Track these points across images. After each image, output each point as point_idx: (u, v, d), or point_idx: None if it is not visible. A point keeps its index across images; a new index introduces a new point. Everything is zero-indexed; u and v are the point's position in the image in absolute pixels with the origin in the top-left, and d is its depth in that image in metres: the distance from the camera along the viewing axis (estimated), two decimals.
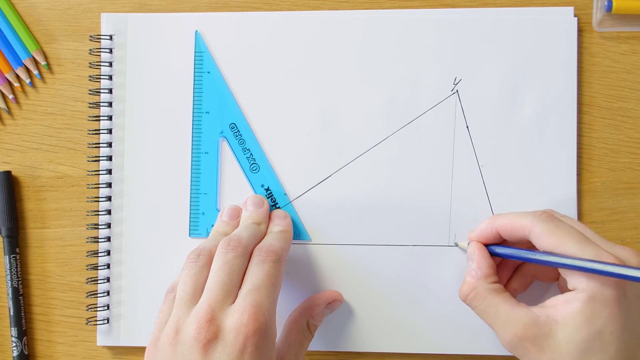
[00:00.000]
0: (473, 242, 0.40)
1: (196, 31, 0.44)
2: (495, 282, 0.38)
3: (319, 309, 0.42)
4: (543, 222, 0.36)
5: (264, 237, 0.40)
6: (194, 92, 0.44)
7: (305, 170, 0.44)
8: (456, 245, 0.43)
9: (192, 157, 0.44)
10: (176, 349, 0.34)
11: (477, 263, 0.39)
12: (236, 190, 0.44)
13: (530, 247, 0.38)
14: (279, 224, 0.42)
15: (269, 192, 0.44)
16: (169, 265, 0.44)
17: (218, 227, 0.41)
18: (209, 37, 0.45)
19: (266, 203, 0.42)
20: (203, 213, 0.44)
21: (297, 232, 0.44)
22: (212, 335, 0.33)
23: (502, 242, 0.40)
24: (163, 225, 0.44)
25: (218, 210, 0.44)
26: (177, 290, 0.37)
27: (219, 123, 0.44)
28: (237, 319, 0.34)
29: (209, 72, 0.44)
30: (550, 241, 0.35)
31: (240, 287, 0.36)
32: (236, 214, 0.42)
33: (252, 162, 0.44)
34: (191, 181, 0.44)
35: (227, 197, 0.44)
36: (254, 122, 0.44)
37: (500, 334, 0.37)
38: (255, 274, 0.36)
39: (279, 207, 0.44)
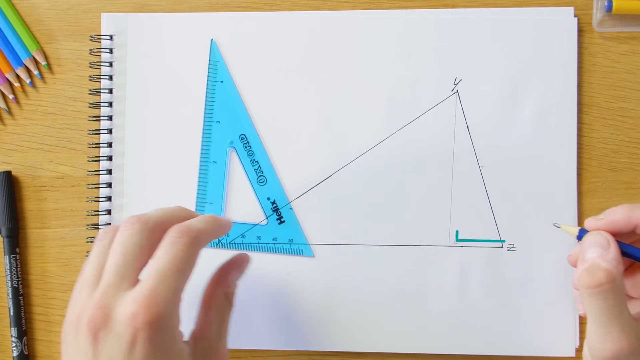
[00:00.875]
0: (602, 232, 0.35)
1: (212, 40, 0.44)
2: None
3: (231, 276, 0.38)
4: None
5: (182, 216, 0.36)
6: (205, 101, 0.44)
7: (305, 170, 0.44)
8: (557, 226, 0.39)
9: (200, 165, 0.44)
10: (77, 338, 0.32)
11: (615, 253, 0.33)
12: (242, 201, 0.44)
13: None
14: (211, 214, 0.38)
15: (274, 205, 0.44)
16: None
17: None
18: (209, 38, 0.45)
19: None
20: None
21: (300, 249, 0.44)
22: (101, 325, 0.31)
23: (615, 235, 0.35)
24: None
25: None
26: (81, 271, 0.34)
27: (229, 133, 0.44)
28: (127, 308, 0.31)
29: (222, 82, 0.44)
30: None
31: (140, 267, 0.33)
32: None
33: (259, 174, 0.44)
34: (197, 190, 0.44)
35: (232, 208, 0.44)
36: (256, 122, 0.44)
37: (607, 338, 0.32)
38: (161, 257, 0.33)
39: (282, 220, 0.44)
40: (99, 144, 0.45)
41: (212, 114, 0.44)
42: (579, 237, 0.37)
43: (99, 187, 0.45)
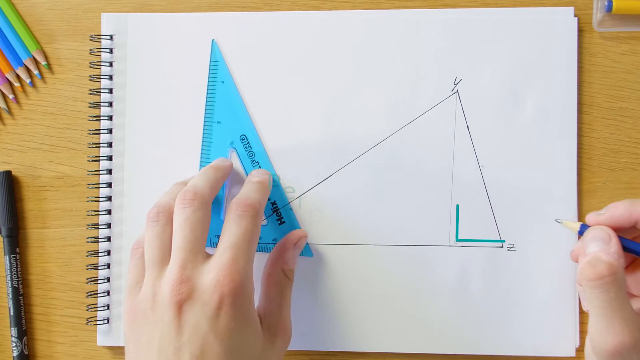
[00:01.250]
0: (604, 227, 0.35)
1: (213, 40, 0.44)
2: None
3: (289, 253, 0.41)
4: None
5: (220, 184, 0.40)
6: (206, 101, 0.44)
7: (304, 170, 0.44)
8: (559, 222, 0.39)
9: (200, 165, 0.44)
10: (155, 312, 0.34)
11: (617, 247, 0.34)
12: None
13: None
14: (256, 175, 0.41)
15: (274, 205, 0.44)
16: None
17: (179, 180, 0.41)
18: (209, 37, 0.45)
19: (229, 164, 0.42)
20: None
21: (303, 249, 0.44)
22: (186, 295, 0.34)
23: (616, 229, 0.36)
24: None
25: (222, 220, 0.43)
26: (145, 252, 0.37)
27: (230, 134, 0.44)
28: (213, 277, 0.34)
29: (222, 82, 0.44)
30: None
31: (206, 240, 0.36)
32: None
33: None
34: None
35: None
36: (257, 122, 0.44)
37: (609, 331, 0.33)
38: (233, 230, 0.36)
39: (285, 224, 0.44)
40: (99, 143, 0.45)
41: (212, 115, 0.44)
42: (581, 233, 0.37)
43: (99, 187, 0.45)
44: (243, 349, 0.35)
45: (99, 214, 0.45)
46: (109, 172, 0.45)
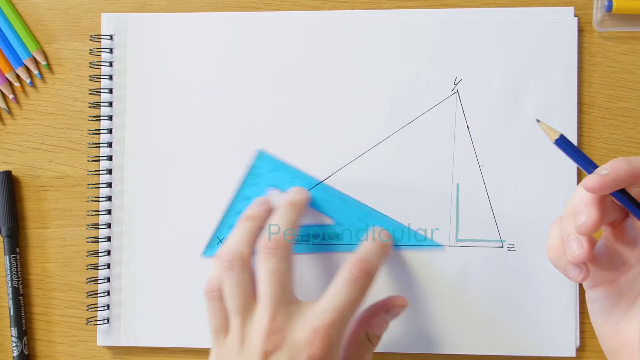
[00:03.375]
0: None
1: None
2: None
3: (377, 318, 0.40)
4: None
5: (297, 222, 0.39)
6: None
7: (304, 170, 0.44)
8: (537, 121, 0.35)
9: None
10: (242, 357, 0.35)
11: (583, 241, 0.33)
12: None
13: None
14: (382, 234, 0.40)
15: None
16: (169, 265, 0.44)
17: (244, 212, 0.40)
18: (209, 37, 0.45)
19: (305, 192, 0.41)
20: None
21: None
22: (275, 347, 0.34)
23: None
24: (163, 225, 0.44)
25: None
26: (228, 300, 0.37)
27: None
28: (305, 336, 0.34)
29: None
30: None
31: (293, 289, 0.36)
32: (263, 201, 0.41)
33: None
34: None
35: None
36: (256, 123, 0.44)
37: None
38: (341, 293, 0.36)
39: None
40: (99, 143, 0.45)
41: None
42: (557, 143, 0.35)
43: (99, 187, 0.45)
44: None
45: (99, 214, 0.45)
46: (109, 172, 0.45)
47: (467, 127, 0.43)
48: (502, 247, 0.43)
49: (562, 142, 0.34)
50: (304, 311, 0.36)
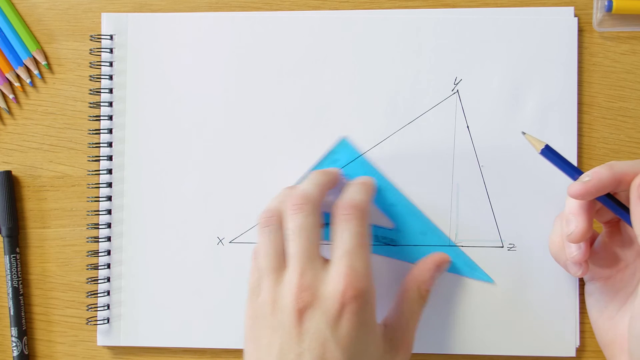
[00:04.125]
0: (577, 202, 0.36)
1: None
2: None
3: (428, 274, 0.41)
4: None
5: (328, 188, 0.39)
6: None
7: (304, 171, 0.44)
8: (523, 134, 0.38)
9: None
10: (276, 317, 0.35)
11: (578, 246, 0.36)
12: None
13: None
14: (359, 178, 0.40)
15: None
16: (170, 264, 0.44)
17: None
18: (209, 37, 0.45)
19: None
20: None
21: None
22: (308, 303, 0.34)
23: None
24: (163, 225, 0.44)
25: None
26: (259, 258, 0.37)
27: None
28: (334, 286, 0.34)
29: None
30: None
31: (319, 245, 0.36)
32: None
33: None
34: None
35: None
36: (255, 121, 0.44)
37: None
38: (344, 236, 0.36)
39: None
40: (99, 143, 0.45)
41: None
42: (543, 153, 0.37)
43: (99, 187, 0.45)
44: (363, 357, 0.35)
45: (99, 214, 0.45)
46: (109, 172, 0.45)
47: (467, 127, 0.43)
48: (502, 247, 0.43)
49: (548, 152, 0.36)
50: (326, 265, 0.36)
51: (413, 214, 0.43)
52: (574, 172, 0.36)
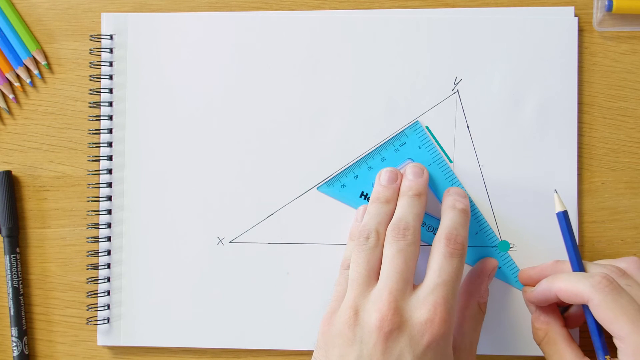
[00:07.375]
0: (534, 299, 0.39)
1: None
2: (563, 327, 0.39)
3: (484, 287, 0.41)
4: (601, 293, 0.34)
5: (424, 210, 0.39)
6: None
7: (304, 171, 0.44)
8: (555, 192, 0.40)
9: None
10: (355, 332, 0.34)
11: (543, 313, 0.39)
12: None
13: None
14: (458, 200, 0.40)
15: None
16: (170, 264, 0.44)
17: (378, 193, 0.40)
18: (209, 37, 0.45)
19: (426, 172, 0.41)
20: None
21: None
22: (395, 326, 0.34)
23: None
24: (163, 224, 0.44)
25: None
26: (350, 270, 0.37)
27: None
28: (426, 316, 0.34)
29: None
30: (605, 316, 0.34)
31: (414, 273, 0.36)
32: (394, 177, 0.41)
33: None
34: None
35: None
36: (255, 122, 0.44)
37: None
38: (444, 267, 0.36)
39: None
40: (99, 143, 0.45)
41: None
42: (558, 216, 0.40)
43: (99, 187, 0.45)
44: None
45: (99, 214, 0.45)
46: (109, 172, 0.45)
47: (467, 127, 0.43)
48: None
49: (563, 217, 0.39)
50: (415, 292, 0.35)
51: (473, 212, 0.43)
52: (573, 248, 0.39)
